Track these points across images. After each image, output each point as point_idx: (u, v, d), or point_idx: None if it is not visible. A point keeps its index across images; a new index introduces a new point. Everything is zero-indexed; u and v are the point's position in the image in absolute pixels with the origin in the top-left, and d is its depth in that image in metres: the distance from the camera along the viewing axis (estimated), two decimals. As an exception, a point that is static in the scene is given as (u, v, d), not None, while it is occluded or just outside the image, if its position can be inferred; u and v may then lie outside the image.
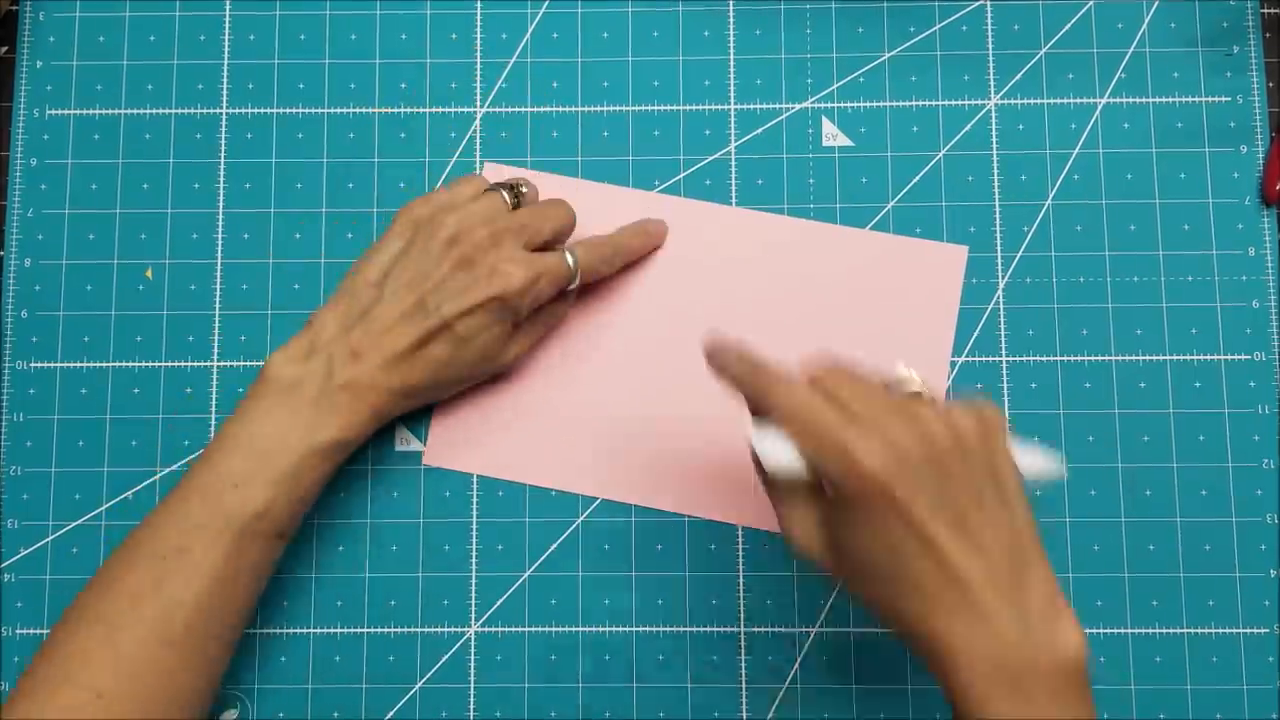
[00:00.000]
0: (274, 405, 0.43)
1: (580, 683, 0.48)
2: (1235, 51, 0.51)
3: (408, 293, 0.44)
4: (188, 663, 0.41)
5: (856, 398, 0.37)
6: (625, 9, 0.52)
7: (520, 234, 0.45)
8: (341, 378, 0.43)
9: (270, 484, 0.42)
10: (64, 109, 0.52)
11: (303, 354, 0.44)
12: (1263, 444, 0.49)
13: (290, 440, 0.42)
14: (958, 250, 0.50)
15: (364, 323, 0.44)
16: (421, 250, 0.45)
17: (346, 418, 0.43)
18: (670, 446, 0.49)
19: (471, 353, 0.45)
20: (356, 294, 0.45)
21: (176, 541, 0.41)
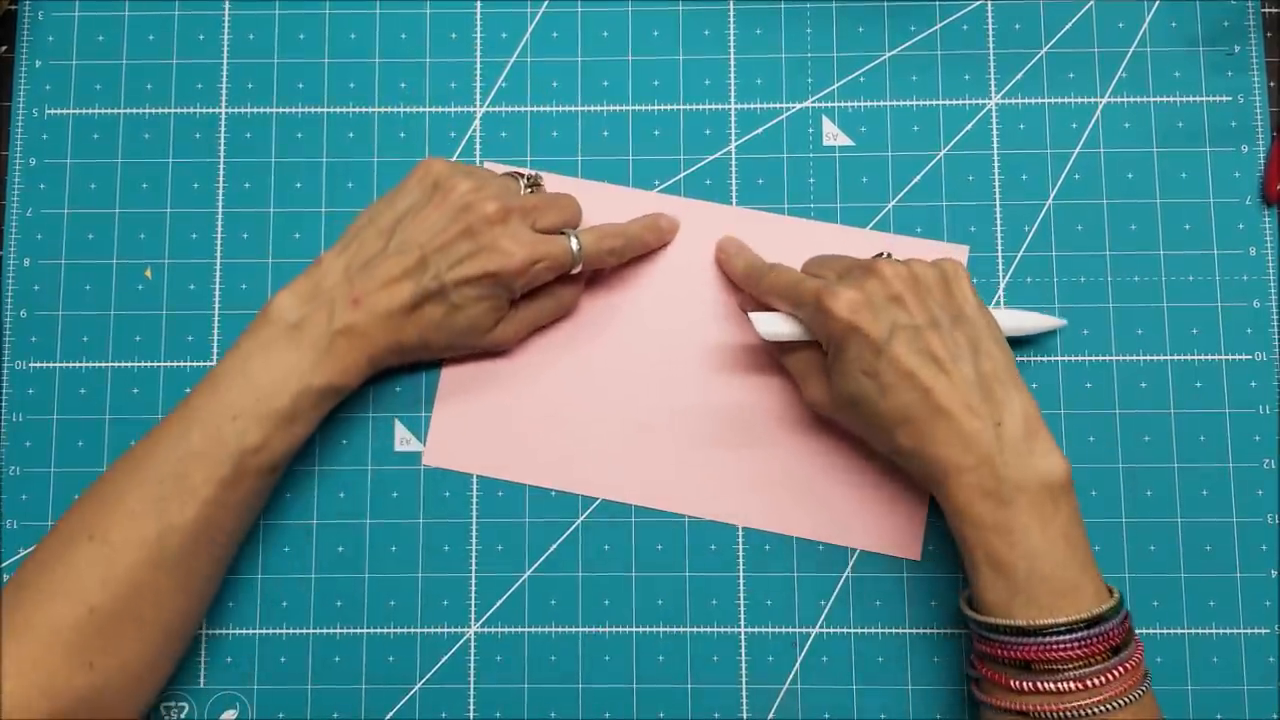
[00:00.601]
0: (275, 342, 0.44)
1: (580, 683, 0.48)
2: (1236, 51, 0.51)
3: (413, 249, 0.45)
4: (178, 585, 0.42)
5: (830, 268, 0.46)
6: (625, 9, 0.52)
7: (528, 214, 0.46)
8: (340, 322, 0.44)
9: (267, 420, 0.43)
10: (63, 109, 0.52)
11: (307, 295, 0.45)
12: (1263, 444, 0.49)
13: (290, 380, 0.43)
14: (958, 250, 0.50)
15: (366, 271, 0.45)
16: (435, 209, 0.45)
17: (343, 363, 0.44)
18: (670, 446, 0.49)
19: (462, 321, 0.46)
20: (364, 242, 0.46)
21: (175, 467, 0.42)
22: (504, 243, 0.45)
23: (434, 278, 0.44)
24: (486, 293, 0.45)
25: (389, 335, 0.45)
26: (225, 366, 0.44)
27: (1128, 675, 0.39)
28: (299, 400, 0.43)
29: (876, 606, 0.48)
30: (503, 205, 0.45)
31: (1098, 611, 0.39)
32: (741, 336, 0.50)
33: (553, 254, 0.46)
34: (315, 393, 0.44)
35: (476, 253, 0.45)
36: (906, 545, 0.48)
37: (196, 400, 0.43)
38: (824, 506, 0.48)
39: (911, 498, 0.48)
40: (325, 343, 0.44)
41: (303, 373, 0.43)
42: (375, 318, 0.44)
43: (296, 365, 0.43)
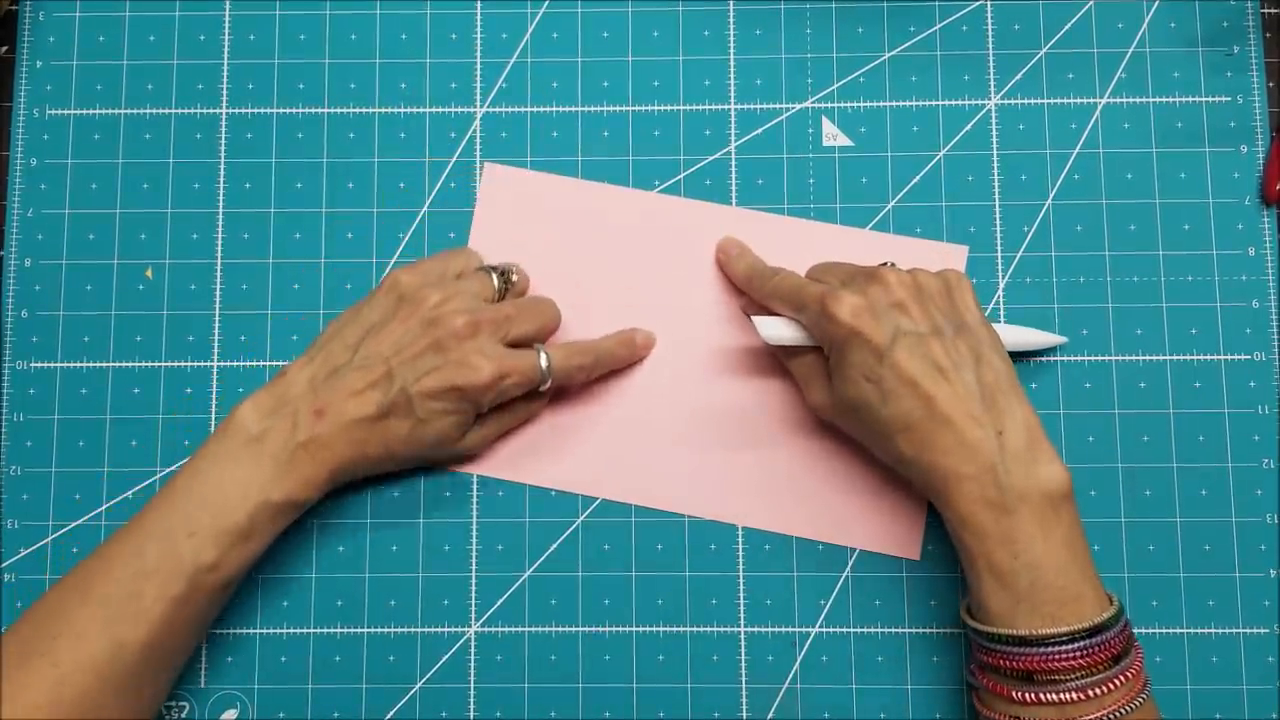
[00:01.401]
0: (235, 455, 0.43)
1: (580, 683, 0.48)
2: (1235, 51, 0.51)
3: (379, 362, 0.44)
4: (127, 704, 0.41)
5: (833, 274, 0.46)
6: (625, 9, 0.52)
7: (499, 327, 0.45)
8: (303, 435, 0.43)
9: (224, 536, 0.42)
10: (64, 109, 0.52)
11: (270, 407, 0.44)
12: (1263, 444, 0.49)
13: (248, 494, 0.42)
14: (958, 250, 0.50)
15: (331, 382, 0.44)
16: (401, 323, 0.45)
17: (303, 476, 0.43)
18: (671, 446, 0.49)
19: (428, 434, 0.45)
20: (331, 353, 0.45)
21: (129, 586, 0.41)
22: (472, 358, 0.44)
23: (400, 390, 0.43)
24: (453, 406, 0.44)
25: (353, 448, 0.44)
26: (183, 478, 0.43)
27: (1129, 684, 0.39)
28: (256, 515, 0.42)
29: (876, 606, 0.48)
30: (471, 319, 0.45)
31: (1099, 620, 0.39)
32: (743, 338, 0.50)
33: (521, 370, 0.45)
34: (273, 508, 0.43)
35: (443, 366, 0.44)
36: (906, 545, 0.48)
37: (152, 515, 0.42)
38: (824, 506, 0.48)
39: (911, 498, 0.48)
40: (286, 456, 0.43)
41: (261, 487, 0.42)
42: (339, 429, 0.43)
43: (255, 479, 0.42)
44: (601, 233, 0.50)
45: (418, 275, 0.46)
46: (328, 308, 0.50)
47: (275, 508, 0.43)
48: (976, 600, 0.41)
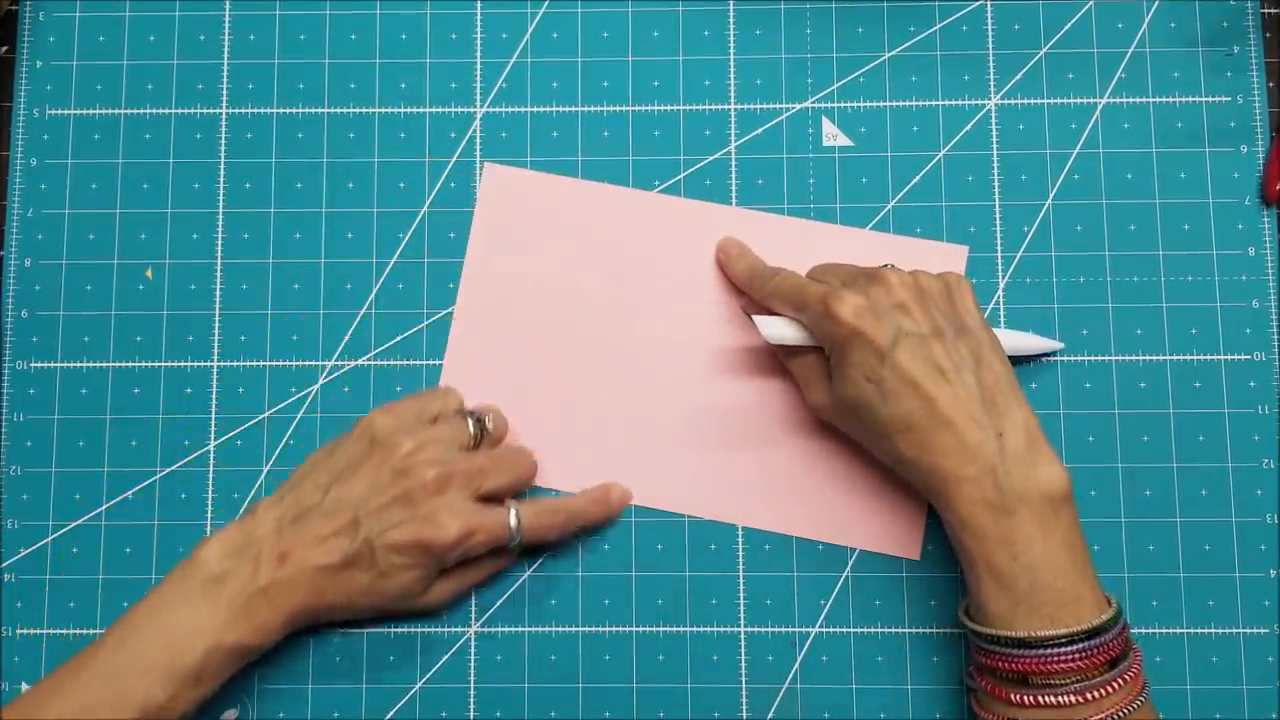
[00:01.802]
0: (193, 595, 0.43)
1: (580, 683, 0.48)
2: (1235, 51, 0.51)
3: (347, 509, 0.44)
4: None
5: (835, 275, 0.46)
6: (625, 9, 0.52)
7: (470, 481, 0.45)
8: (264, 579, 0.43)
9: (175, 678, 0.41)
10: (64, 109, 0.52)
11: (235, 547, 0.43)
12: (1263, 444, 0.49)
13: (202, 636, 0.42)
14: (957, 250, 0.50)
15: (298, 525, 0.44)
16: (372, 470, 0.44)
17: (257, 622, 0.43)
18: (671, 446, 0.49)
19: (390, 587, 0.44)
20: (301, 495, 0.45)
21: (81, 716, 0.40)
22: (440, 514, 0.43)
23: (365, 540, 0.43)
24: (416, 561, 0.44)
25: (312, 595, 0.43)
26: (139, 614, 0.42)
27: (1126, 687, 0.39)
28: (208, 658, 0.42)
29: (876, 606, 0.48)
30: (442, 472, 0.44)
31: (1097, 622, 0.39)
32: (743, 338, 0.50)
33: (489, 529, 0.44)
34: (224, 651, 0.42)
35: (410, 521, 0.43)
36: (906, 545, 0.48)
37: (104, 651, 0.42)
38: (824, 506, 0.48)
39: (911, 498, 0.48)
40: (243, 601, 0.42)
41: (214, 630, 0.42)
42: (301, 574, 0.43)
43: (209, 623, 0.42)
44: (601, 233, 0.50)
45: (392, 418, 0.46)
46: (328, 308, 0.50)
47: (226, 652, 0.42)
48: (976, 602, 0.41)
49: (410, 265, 0.50)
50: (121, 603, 0.48)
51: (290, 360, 0.50)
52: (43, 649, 0.48)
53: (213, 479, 0.49)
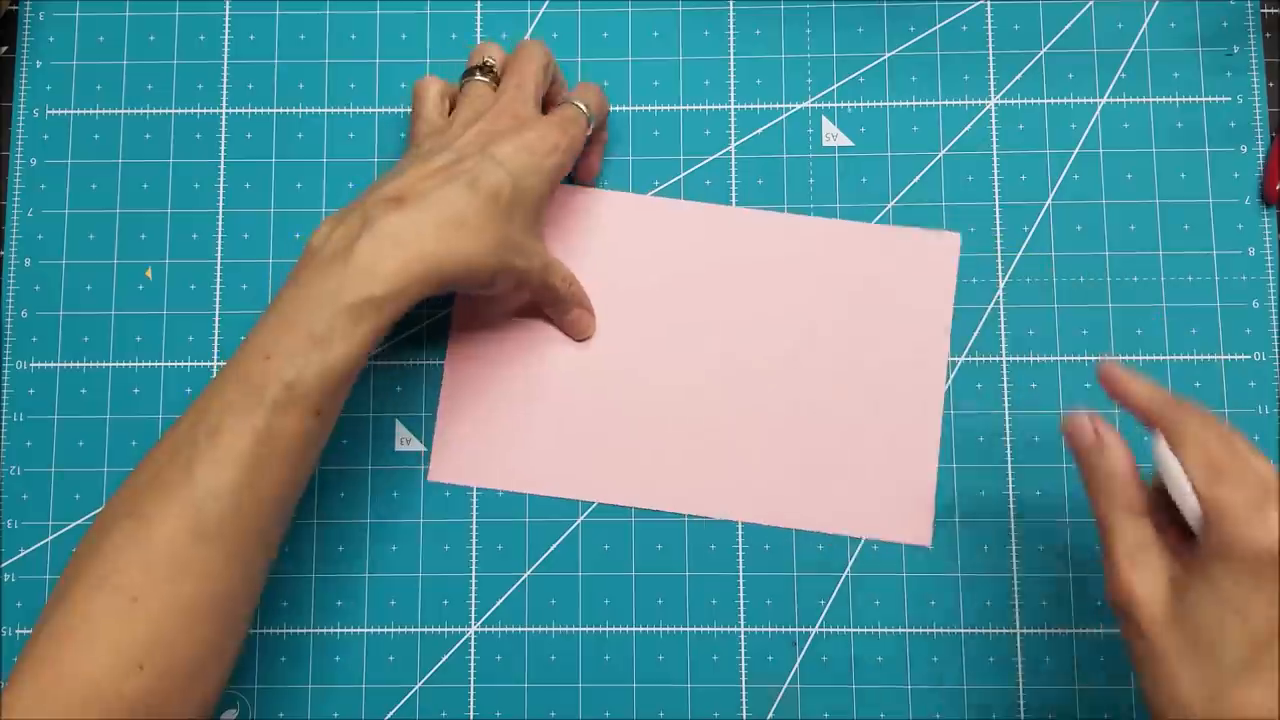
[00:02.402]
0: (304, 272, 0.40)
1: (580, 683, 0.48)
2: (1235, 51, 0.51)
3: (446, 152, 0.43)
4: (226, 561, 0.37)
5: (1246, 479, 0.35)
6: (625, 9, 0.52)
7: (521, 93, 0.45)
8: (376, 227, 0.39)
9: (298, 350, 0.38)
10: (64, 109, 0.52)
11: (338, 216, 0.41)
12: (1262, 444, 0.49)
13: (319, 301, 0.38)
14: (950, 237, 0.50)
15: (405, 171, 0.42)
16: (461, 127, 0.44)
17: (379, 270, 0.39)
18: (667, 445, 0.49)
19: (527, 194, 0.43)
20: (385, 178, 0.42)
21: (209, 422, 0.37)
22: (528, 124, 0.44)
23: (475, 158, 0.42)
24: (532, 163, 0.43)
25: (436, 232, 0.40)
26: (266, 310, 0.40)
27: None
28: (332, 321, 0.38)
29: (876, 606, 0.48)
30: (511, 112, 0.44)
31: None
32: (740, 336, 0.50)
33: (568, 115, 0.45)
34: (348, 310, 0.38)
35: (509, 133, 0.43)
36: (916, 532, 0.48)
37: (238, 350, 0.39)
38: (827, 497, 0.48)
39: (917, 481, 0.48)
40: (359, 251, 0.39)
41: (333, 290, 0.39)
42: (421, 213, 0.40)
43: (326, 284, 0.39)
44: (595, 233, 0.50)
45: (425, 127, 0.46)
46: (328, 308, 0.50)
47: (350, 310, 0.38)
48: None
49: (410, 265, 0.50)
50: (121, 603, 0.48)
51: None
52: (43, 649, 0.48)
53: (213, 479, 0.49)
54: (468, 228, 0.41)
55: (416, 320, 0.50)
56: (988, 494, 0.49)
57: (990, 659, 0.48)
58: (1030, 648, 0.48)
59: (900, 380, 0.49)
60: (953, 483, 0.49)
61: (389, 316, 0.40)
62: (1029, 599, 0.48)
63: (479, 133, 0.43)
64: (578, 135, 0.45)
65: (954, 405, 0.49)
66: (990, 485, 0.49)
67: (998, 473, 0.49)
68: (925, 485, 0.48)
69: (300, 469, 0.39)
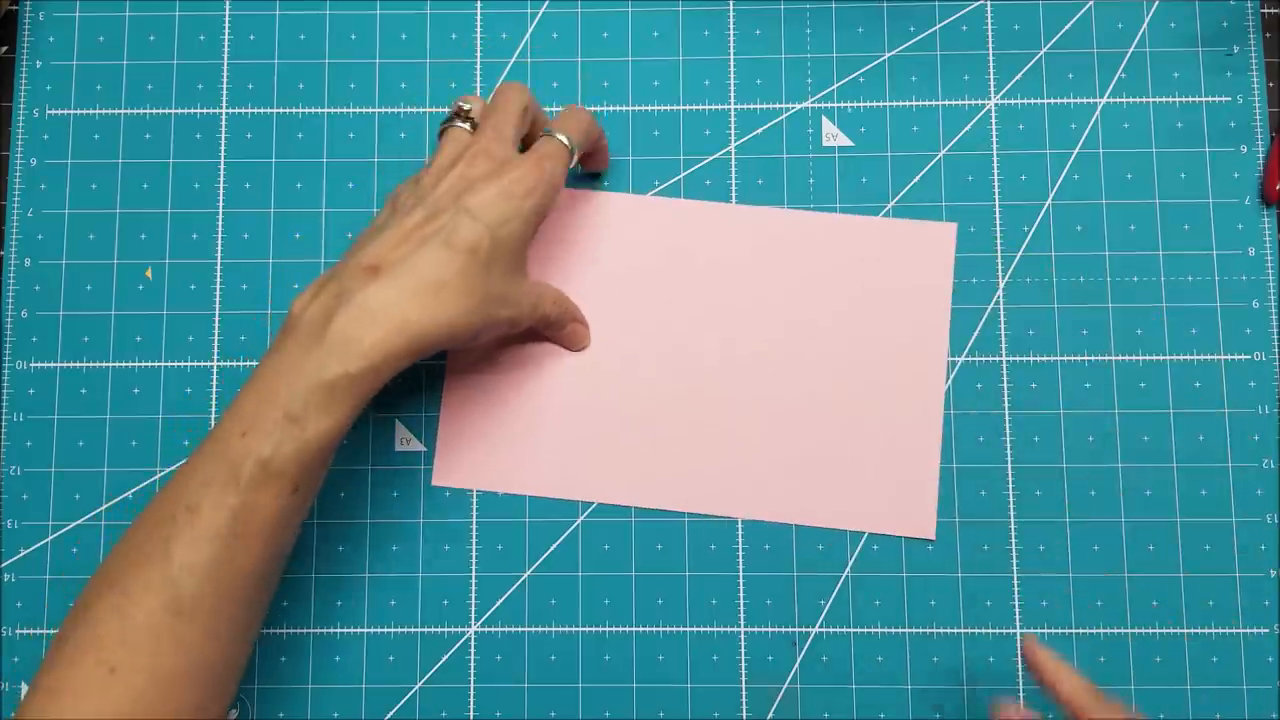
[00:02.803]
0: (285, 343, 0.39)
1: (580, 683, 0.48)
2: (1235, 51, 0.51)
3: (417, 211, 0.42)
4: (204, 635, 0.38)
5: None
6: (625, 9, 0.52)
7: (499, 130, 0.44)
8: (354, 301, 0.39)
9: (275, 427, 0.38)
10: (64, 109, 0.52)
11: (317, 284, 0.40)
12: (1263, 444, 0.49)
13: (296, 377, 0.38)
14: (946, 228, 0.50)
15: (380, 235, 0.41)
16: (415, 199, 0.43)
17: (356, 346, 0.38)
18: (666, 443, 0.49)
19: (506, 243, 0.42)
20: (357, 245, 0.42)
21: (188, 499, 0.38)
22: (508, 165, 0.42)
23: (450, 213, 0.41)
24: (510, 210, 0.42)
25: (415, 300, 0.40)
26: (246, 382, 0.40)
27: None
28: (309, 398, 0.38)
29: (876, 606, 0.48)
30: (486, 158, 0.43)
31: None
32: (740, 332, 0.50)
33: (547, 152, 0.44)
34: (324, 387, 0.38)
35: (484, 181, 0.42)
36: (920, 524, 0.48)
37: (217, 423, 0.40)
38: (829, 492, 0.48)
39: (920, 473, 0.48)
40: (337, 328, 0.39)
41: (311, 367, 0.39)
42: (396, 284, 0.40)
43: (305, 360, 0.39)
44: (592, 234, 0.50)
45: (406, 184, 0.44)
46: (328, 308, 0.50)
47: (326, 387, 0.38)
48: None
49: (410, 265, 0.50)
50: (121, 603, 0.48)
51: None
52: (43, 649, 0.48)
53: (213, 479, 0.49)
54: (448, 290, 0.40)
55: (416, 320, 0.50)
56: (988, 494, 0.49)
57: (991, 659, 0.48)
58: (1030, 648, 0.48)
59: (901, 372, 0.49)
60: (953, 482, 0.49)
61: (367, 392, 0.39)
62: (1029, 599, 0.48)
63: (456, 178, 0.42)
64: (558, 170, 0.44)
65: (954, 405, 0.49)
66: (990, 485, 0.49)
67: (998, 473, 0.49)
68: (928, 477, 0.48)
69: (278, 543, 0.40)
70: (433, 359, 0.50)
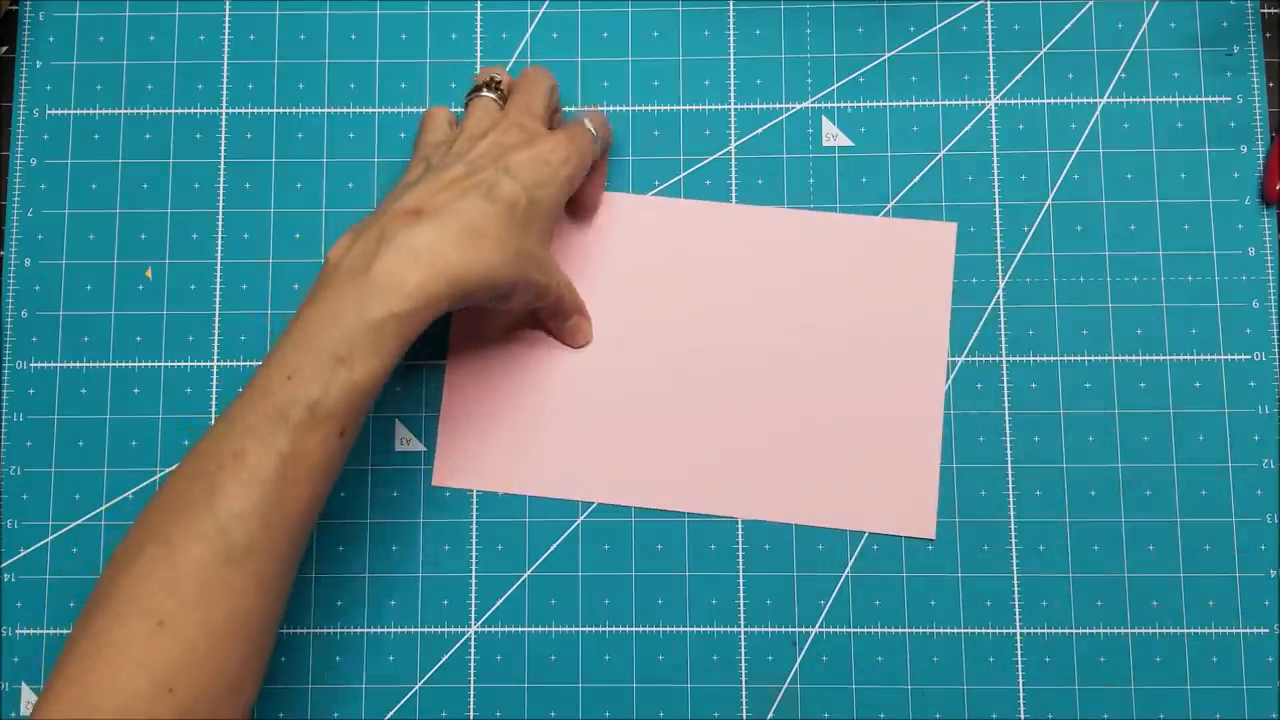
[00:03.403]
0: (322, 291, 0.39)
1: (580, 683, 0.48)
2: (1235, 51, 0.51)
3: (457, 163, 0.43)
4: (252, 582, 0.37)
5: None
6: (625, 9, 0.52)
7: (527, 110, 0.45)
8: (396, 241, 0.39)
9: (321, 369, 0.38)
10: (64, 109, 0.52)
11: (355, 230, 0.41)
12: (1263, 444, 0.49)
13: (340, 320, 0.38)
14: (946, 227, 0.50)
15: (420, 184, 0.41)
16: (468, 142, 0.44)
17: (401, 285, 0.38)
18: (666, 443, 0.49)
19: (541, 205, 0.43)
20: (403, 179, 0.44)
21: (233, 445, 0.37)
22: (538, 139, 0.44)
23: (491, 171, 0.42)
24: (545, 175, 0.43)
25: (456, 242, 0.40)
26: (286, 328, 0.40)
27: None
28: (355, 340, 0.38)
29: (876, 606, 0.48)
30: (519, 130, 0.44)
31: None
32: (741, 331, 0.50)
33: (574, 130, 0.45)
34: (372, 328, 0.38)
35: (521, 147, 0.43)
36: (920, 524, 0.48)
37: (259, 369, 0.39)
38: (830, 491, 0.48)
39: (920, 473, 0.48)
40: (379, 268, 0.39)
41: (354, 308, 0.38)
42: (440, 227, 0.40)
43: (346, 302, 0.39)
44: (589, 235, 0.50)
45: (432, 140, 0.46)
46: (328, 308, 0.50)
47: (373, 327, 0.38)
48: None
49: (410, 265, 0.50)
50: (121, 603, 0.48)
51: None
52: (43, 649, 0.48)
53: (213, 479, 0.49)
54: (488, 239, 0.41)
55: (416, 320, 0.50)
56: (988, 494, 0.49)
57: (990, 659, 0.48)
58: (1030, 648, 0.48)
59: (901, 372, 0.49)
60: (953, 483, 0.49)
61: (413, 332, 0.39)
62: (1029, 599, 0.48)
63: (491, 144, 0.44)
64: (587, 149, 0.45)
65: (954, 405, 0.49)
66: (990, 485, 0.49)
67: (998, 473, 0.49)
68: (928, 477, 0.48)
69: (325, 486, 0.39)
70: (432, 358, 0.50)
